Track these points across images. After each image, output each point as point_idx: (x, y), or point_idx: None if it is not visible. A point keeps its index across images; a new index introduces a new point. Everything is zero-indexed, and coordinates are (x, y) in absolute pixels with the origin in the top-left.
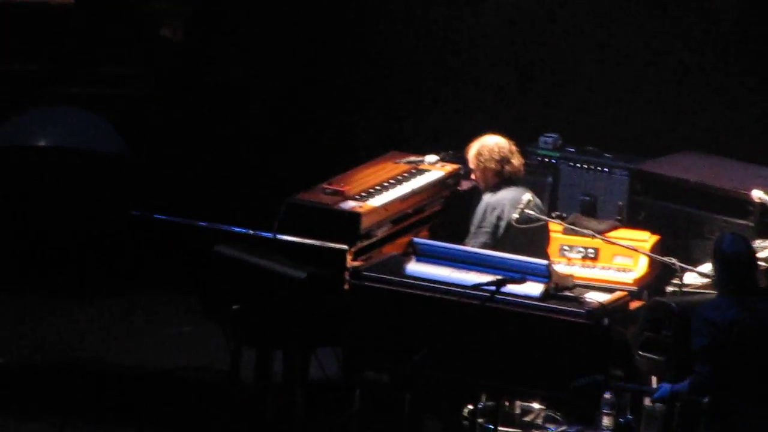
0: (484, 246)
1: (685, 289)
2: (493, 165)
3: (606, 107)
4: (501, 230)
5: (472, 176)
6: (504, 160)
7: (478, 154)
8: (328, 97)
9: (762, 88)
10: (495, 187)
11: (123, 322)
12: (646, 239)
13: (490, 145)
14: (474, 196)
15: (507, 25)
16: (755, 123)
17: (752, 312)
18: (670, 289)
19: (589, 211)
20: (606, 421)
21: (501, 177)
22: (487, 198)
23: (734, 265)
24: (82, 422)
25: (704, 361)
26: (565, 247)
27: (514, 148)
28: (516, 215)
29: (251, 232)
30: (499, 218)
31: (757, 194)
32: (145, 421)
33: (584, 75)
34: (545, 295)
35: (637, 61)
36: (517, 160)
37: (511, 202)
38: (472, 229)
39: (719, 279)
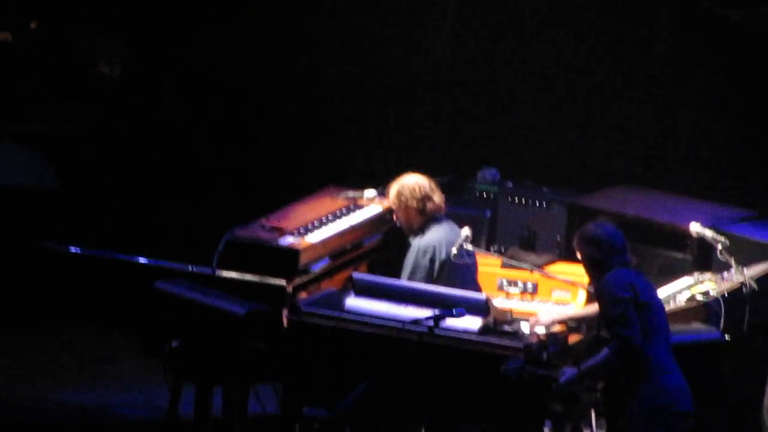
0: None
1: None
2: (415, 204)
3: (544, 141)
4: (435, 273)
5: (395, 217)
6: (426, 198)
7: (399, 194)
8: (265, 132)
9: (698, 123)
10: (420, 229)
11: (62, 359)
12: (584, 273)
13: (410, 184)
14: None
15: (446, 61)
16: (692, 157)
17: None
18: None
19: (527, 245)
20: None
21: (423, 215)
22: (416, 242)
23: (612, 247)
24: None
25: (632, 319)
26: (504, 281)
27: (434, 185)
28: (455, 251)
29: (191, 268)
30: (432, 261)
31: (695, 228)
32: None
33: (522, 109)
34: (484, 330)
35: (575, 96)
36: (438, 197)
37: (440, 242)
38: (405, 275)
39: (601, 259)
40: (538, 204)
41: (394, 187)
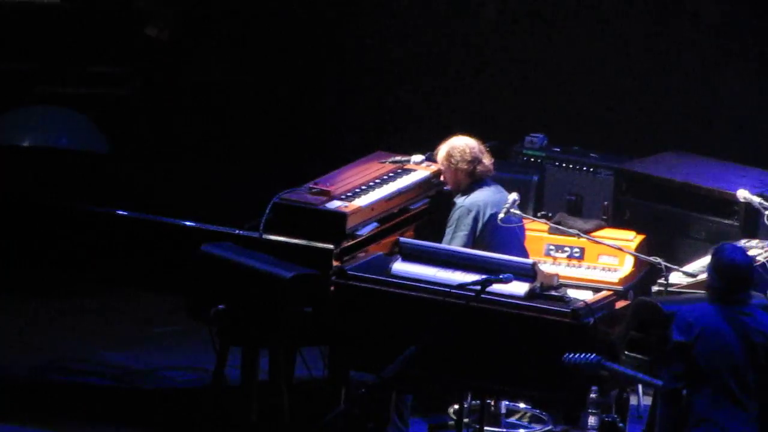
0: None
1: (670, 289)
2: (465, 166)
3: (592, 107)
4: (478, 233)
5: (442, 178)
6: (476, 161)
7: (449, 156)
8: (314, 97)
9: (746, 89)
10: (467, 189)
11: (110, 322)
12: (631, 239)
13: (460, 146)
14: None
15: (495, 25)
16: (741, 123)
17: (733, 324)
18: (655, 288)
19: (574, 210)
20: (592, 420)
21: (473, 177)
22: (461, 201)
23: (728, 277)
24: (65, 423)
25: (671, 363)
26: (551, 247)
27: (483, 147)
28: (502, 215)
29: (238, 231)
30: (475, 220)
31: (742, 194)
32: (131, 421)
33: (571, 75)
34: (530, 295)
35: (624, 61)
36: (487, 160)
37: (484, 202)
38: (448, 233)
39: (710, 287)
40: (585, 169)
41: (444, 149)
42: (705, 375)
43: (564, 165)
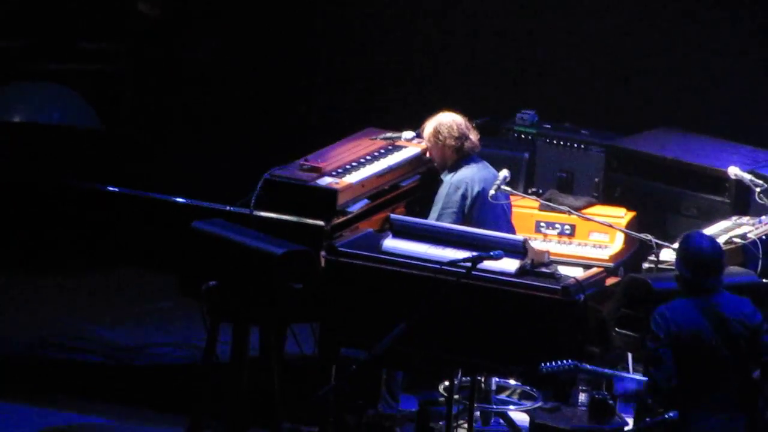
0: None
1: (661, 266)
2: (452, 142)
3: (583, 84)
4: (466, 209)
5: (428, 154)
6: (463, 137)
7: (437, 132)
8: (306, 73)
9: (739, 66)
10: (454, 165)
11: (100, 299)
12: (622, 216)
13: (448, 122)
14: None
15: (485, 1)
16: (731, 100)
17: (711, 318)
18: (646, 265)
19: (565, 187)
20: (582, 397)
21: (460, 154)
22: (449, 178)
23: (697, 265)
24: (57, 400)
25: (663, 360)
26: (542, 224)
27: (470, 123)
28: (492, 191)
29: (229, 208)
30: (464, 197)
31: (733, 171)
32: (123, 398)
33: (562, 51)
34: (521, 272)
35: (614, 36)
36: (474, 136)
37: (472, 179)
38: (436, 210)
39: (681, 278)
40: (576, 146)
41: (431, 125)
42: (686, 372)
43: (555, 142)
